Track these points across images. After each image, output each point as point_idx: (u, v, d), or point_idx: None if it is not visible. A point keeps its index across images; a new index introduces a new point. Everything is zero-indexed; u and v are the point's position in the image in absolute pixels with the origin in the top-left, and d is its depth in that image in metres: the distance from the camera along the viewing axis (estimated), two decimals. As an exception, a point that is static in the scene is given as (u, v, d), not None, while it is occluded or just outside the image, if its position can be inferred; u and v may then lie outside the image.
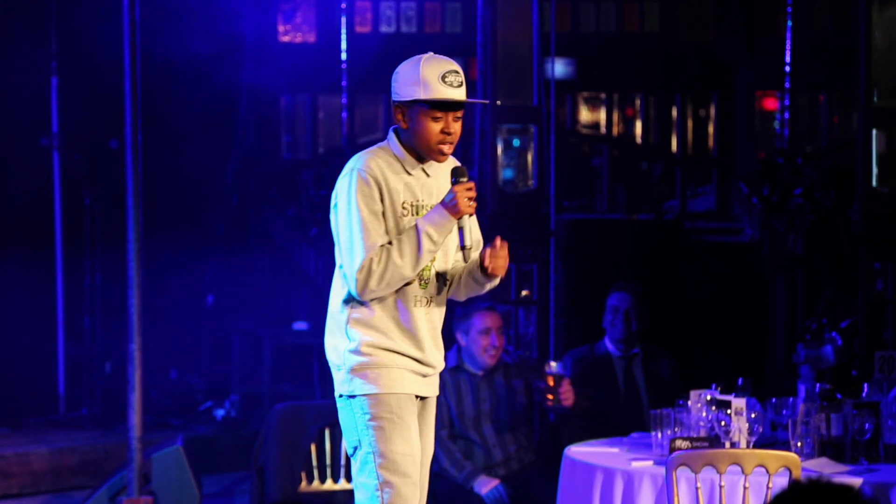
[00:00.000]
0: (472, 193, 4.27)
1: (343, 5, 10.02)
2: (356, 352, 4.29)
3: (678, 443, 5.24)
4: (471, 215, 4.29)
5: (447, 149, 4.30)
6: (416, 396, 4.35)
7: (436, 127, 4.27)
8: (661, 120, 12.79)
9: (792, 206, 9.18)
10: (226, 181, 10.48)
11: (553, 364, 6.62)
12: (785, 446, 5.29)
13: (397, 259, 4.20)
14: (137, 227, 6.76)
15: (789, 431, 5.33)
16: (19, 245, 9.11)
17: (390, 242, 4.23)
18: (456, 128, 4.30)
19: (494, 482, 6.41)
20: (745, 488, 4.63)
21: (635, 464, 5.22)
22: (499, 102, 7.87)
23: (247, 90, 10.34)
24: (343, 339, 4.32)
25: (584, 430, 6.60)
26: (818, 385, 5.73)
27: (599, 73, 12.36)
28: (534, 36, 7.87)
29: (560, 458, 5.62)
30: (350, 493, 7.11)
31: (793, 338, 8.83)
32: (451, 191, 4.26)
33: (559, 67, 9.91)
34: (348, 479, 7.14)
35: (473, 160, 8.20)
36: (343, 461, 7.14)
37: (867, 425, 5.23)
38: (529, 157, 7.98)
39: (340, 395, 4.34)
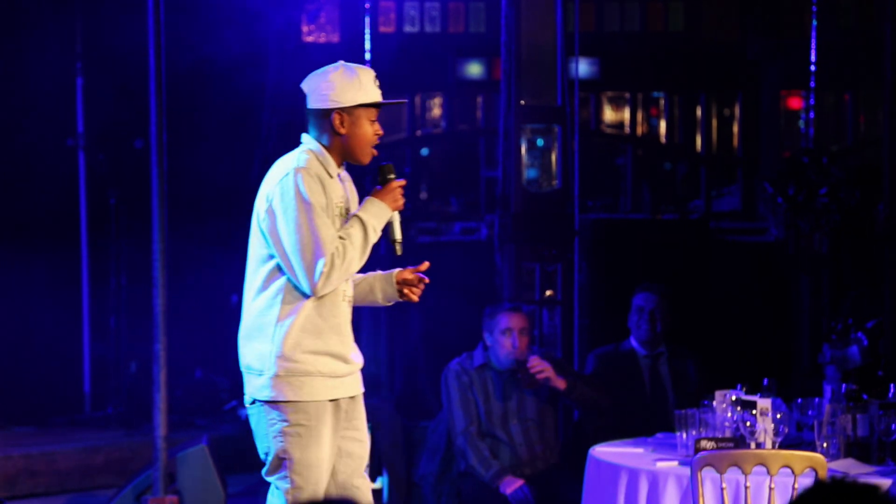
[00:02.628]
0: (402, 190, 4.53)
1: (367, 5, 10.02)
2: (281, 356, 4.38)
3: (703, 443, 5.22)
4: (401, 211, 4.52)
5: (374, 148, 4.53)
6: (337, 399, 4.46)
7: (371, 129, 4.49)
8: (686, 119, 12.75)
9: (817, 206, 9.14)
10: (250, 181, 10.49)
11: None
12: (811, 447, 5.27)
13: (352, 252, 4.37)
14: (162, 227, 6.78)
15: (815, 432, 5.31)
16: (45, 245, 9.15)
17: (341, 237, 4.39)
18: (379, 128, 4.54)
19: (519, 482, 6.40)
20: (770, 489, 4.62)
21: (660, 464, 5.21)
22: (522, 102, 7.86)
23: (270, 90, 10.35)
24: (268, 344, 4.40)
25: (609, 429, 6.59)
26: (844, 385, 5.71)
27: (623, 73, 12.33)
28: (558, 35, 7.86)
29: (585, 457, 5.61)
30: (374, 492, 7.12)
31: (818, 338, 8.79)
32: (386, 186, 4.49)
33: (583, 67, 9.89)
34: (372, 478, 7.15)
35: (497, 160, 8.19)
36: (368, 460, 7.15)
37: (893, 426, 5.20)
38: (553, 157, 7.97)
39: (254, 402, 4.44)
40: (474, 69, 11.93)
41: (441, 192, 12.10)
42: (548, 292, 7.96)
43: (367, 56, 9.93)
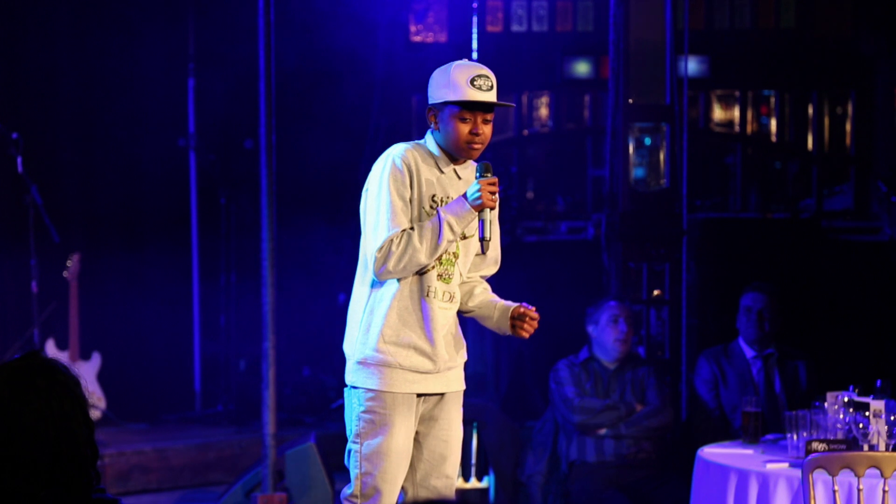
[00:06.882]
0: (495, 188, 4.44)
1: (475, 5, 10.02)
2: (365, 344, 4.48)
3: (815, 445, 5.15)
4: (492, 209, 4.45)
5: (476, 148, 4.48)
6: (422, 395, 4.49)
7: (465, 128, 4.46)
8: (797, 117, 12.58)
9: (933, 205, 8.97)
10: (358, 181, 10.55)
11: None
12: (925, 450, 5.17)
13: (416, 243, 4.37)
14: (271, 227, 6.84)
15: (930, 435, 5.21)
16: (157, 244, 9.28)
17: (412, 228, 4.40)
18: (485, 130, 4.50)
19: None
20: (884, 492, 4.54)
21: (770, 466, 5.15)
22: (630, 101, 7.81)
23: (379, 89, 10.40)
24: (356, 330, 4.52)
25: (718, 430, 6.53)
26: (960, 387, 5.59)
27: (733, 71, 12.19)
28: (667, 33, 7.80)
29: (692, 458, 5.57)
30: (481, 491, 7.13)
31: (933, 339, 8.63)
32: (475, 183, 4.43)
33: (692, 65, 9.81)
34: (479, 477, 7.15)
35: (605, 159, 8.15)
36: (474, 460, 7.16)
37: None
38: (661, 156, 7.91)
39: (346, 385, 4.58)
40: (582, 68, 11.88)
41: (548, 191, 12.07)
42: (655, 292, 7.90)
43: (475, 55, 9.93)
